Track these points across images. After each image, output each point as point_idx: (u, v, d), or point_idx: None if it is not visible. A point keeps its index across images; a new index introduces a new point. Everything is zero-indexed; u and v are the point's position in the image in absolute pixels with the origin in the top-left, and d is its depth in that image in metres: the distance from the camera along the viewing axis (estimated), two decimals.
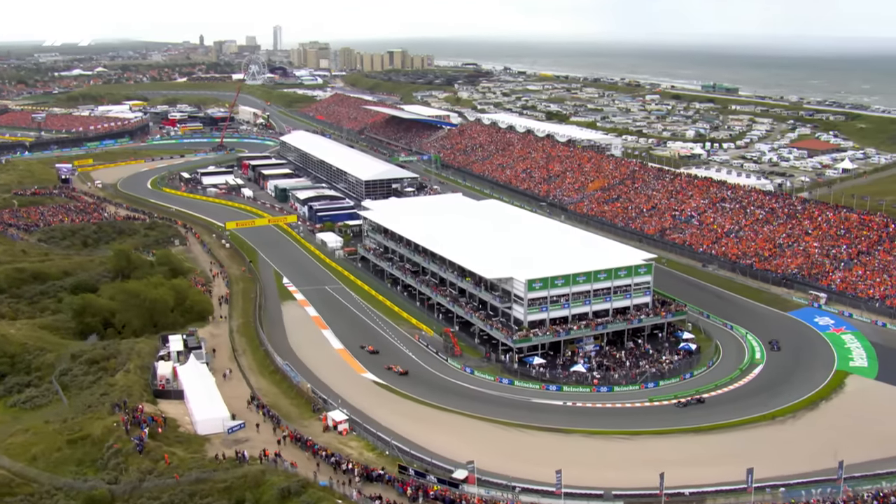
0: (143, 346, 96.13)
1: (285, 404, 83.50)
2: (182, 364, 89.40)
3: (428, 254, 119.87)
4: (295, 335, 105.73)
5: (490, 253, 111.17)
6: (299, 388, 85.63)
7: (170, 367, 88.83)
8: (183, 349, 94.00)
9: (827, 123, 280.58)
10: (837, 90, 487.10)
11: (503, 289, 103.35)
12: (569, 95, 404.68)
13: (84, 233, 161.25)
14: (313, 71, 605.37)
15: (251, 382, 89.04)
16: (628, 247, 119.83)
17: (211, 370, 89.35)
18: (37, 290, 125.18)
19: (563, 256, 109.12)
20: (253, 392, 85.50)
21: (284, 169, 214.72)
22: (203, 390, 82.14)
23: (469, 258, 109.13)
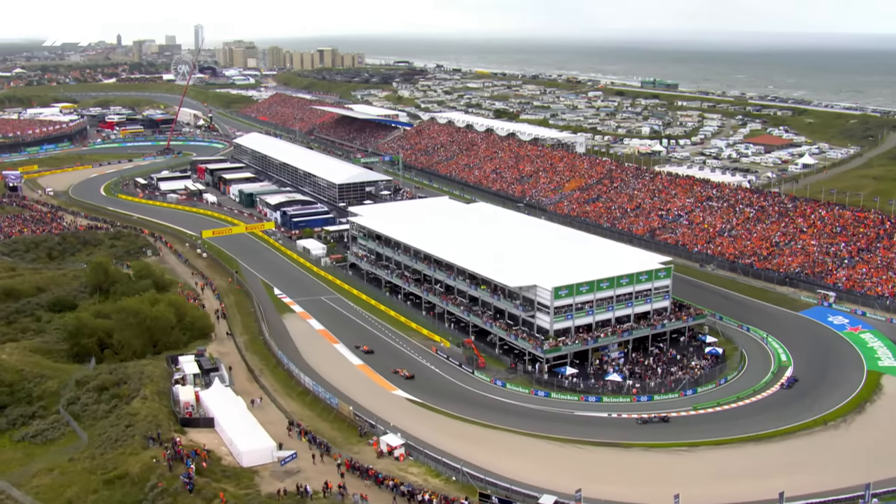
0: (152, 369, 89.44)
1: (326, 429, 78.44)
2: (205, 388, 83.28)
3: (433, 261, 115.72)
4: (308, 351, 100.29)
5: (503, 260, 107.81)
6: (338, 411, 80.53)
7: (190, 391, 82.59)
8: (199, 371, 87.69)
9: (775, 119, 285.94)
10: (764, 84, 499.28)
11: (525, 297, 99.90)
12: (511, 93, 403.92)
13: (47, 244, 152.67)
14: (242, 70, 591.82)
15: (281, 405, 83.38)
16: (639, 250, 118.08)
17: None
18: (12, 309, 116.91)
19: (579, 262, 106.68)
20: (290, 417, 79.92)
21: (246, 173, 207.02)
22: (237, 417, 76.55)
23: (485, 266, 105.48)
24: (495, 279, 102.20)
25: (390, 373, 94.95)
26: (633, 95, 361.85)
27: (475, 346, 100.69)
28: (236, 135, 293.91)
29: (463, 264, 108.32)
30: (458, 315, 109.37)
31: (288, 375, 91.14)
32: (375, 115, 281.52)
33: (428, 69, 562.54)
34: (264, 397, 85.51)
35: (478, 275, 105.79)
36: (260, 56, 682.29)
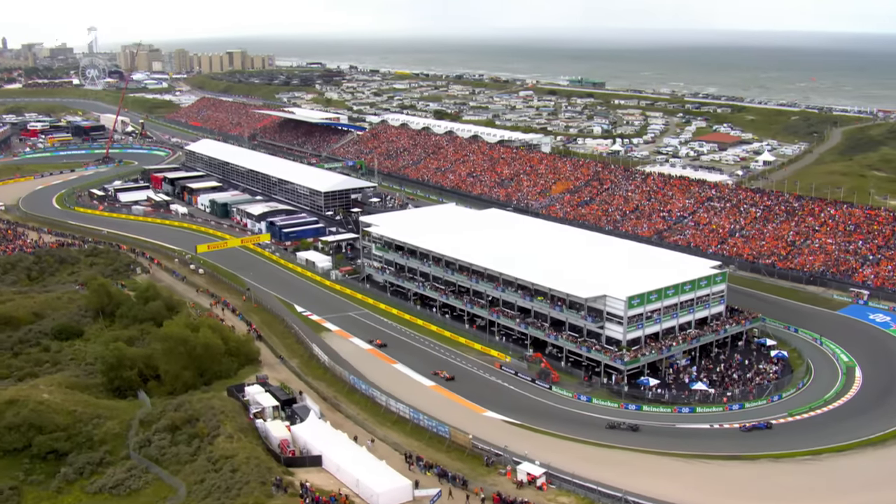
0: (219, 402, 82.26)
1: (442, 460, 73.24)
2: (285, 421, 76.88)
3: (474, 273, 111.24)
4: (372, 374, 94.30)
5: (556, 269, 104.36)
6: (452, 440, 75.38)
7: (281, 426, 76.03)
8: (277, 403, 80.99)
9: (716, 116, 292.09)
10: (671, 81, 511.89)
11: (591, 307, 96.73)
12: (441, 94, 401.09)
13: (23, 264, 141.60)
14: (151, 74, 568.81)
15: (384, 437, 77.66)
16: (681, 254, 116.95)
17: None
18: (14, 339, 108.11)
19: (630, 269, 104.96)
20: (402, 450, 74.37)
21: (211, 181, 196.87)
22: (350, 453, 70.70)
23: (545, 277, 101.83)
24: (561, 290, 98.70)
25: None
26: (567, 94, 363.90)
27: (546, 360, 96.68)
28: (171, 141, 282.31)
29: (518, 275, 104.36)
30: (512, 328, 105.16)
31: (371, 402, 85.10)
32: (320, 119, 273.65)
33: (344, 71, 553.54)
34: (347, 425, 79.28)
35: (537, 286, 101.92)
36: (166, 59, 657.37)
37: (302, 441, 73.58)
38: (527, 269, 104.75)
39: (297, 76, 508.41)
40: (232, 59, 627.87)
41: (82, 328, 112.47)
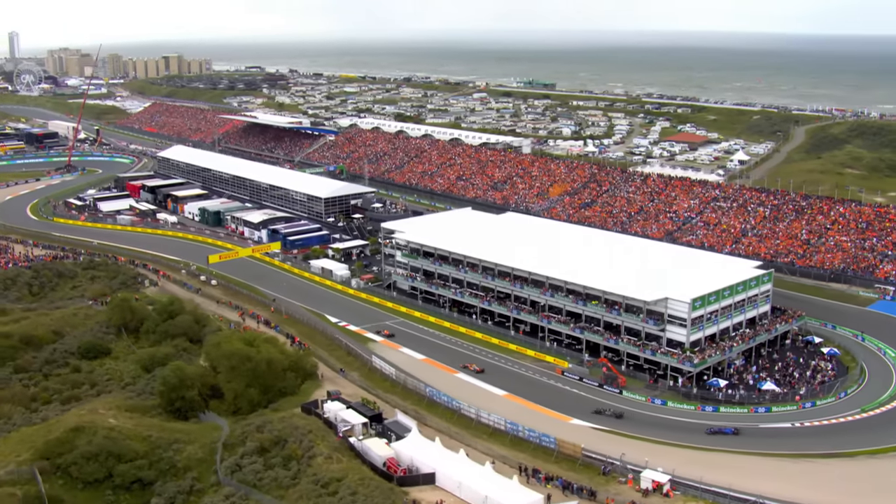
0: (300, 421, 79.29)
1: (556, 470, 71.90)
2: (396, 439, 74.40)
3: (517, 278, 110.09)
4: (440, 385, 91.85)
5: (606, 272, 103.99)
6: (560, 450, 73.95)
7: (381, 444, 73.52)
8: (365, 420, 78.33)
9: (678, 116, 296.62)
10: (609, 80, 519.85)
11: (650, 310, 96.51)
12: (394, 97, 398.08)
13: (22, 279, 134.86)
14: (87, 79, 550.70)
15: (488, 451, 75.68)
16: (719, 255, 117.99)
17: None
18: (41, 360, 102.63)
19: (678, 270, 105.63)
20: (512, 462, 72.61)
21: (195, 189, 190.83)
22: (466, 469, 68.55)
23: (601, 281, 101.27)
24: (621, 293, 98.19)
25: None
26: (523, 96, 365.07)
27: (612, 365, 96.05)
28: (130, 148, 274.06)
29: (571, 279, 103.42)
30: (559, 333, 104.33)
31: (457, 414, 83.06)
32: (287, 123, 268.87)
33: (286, 74, 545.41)
34: (446, 440, 77.07)
35: (592, 289, 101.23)
36: (99, 64, 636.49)
37: (407, 458, 71.16)
38: (577, 273, 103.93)
39: (240, 80, 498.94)
40: (168, 63, 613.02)
41: (109, 346, 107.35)
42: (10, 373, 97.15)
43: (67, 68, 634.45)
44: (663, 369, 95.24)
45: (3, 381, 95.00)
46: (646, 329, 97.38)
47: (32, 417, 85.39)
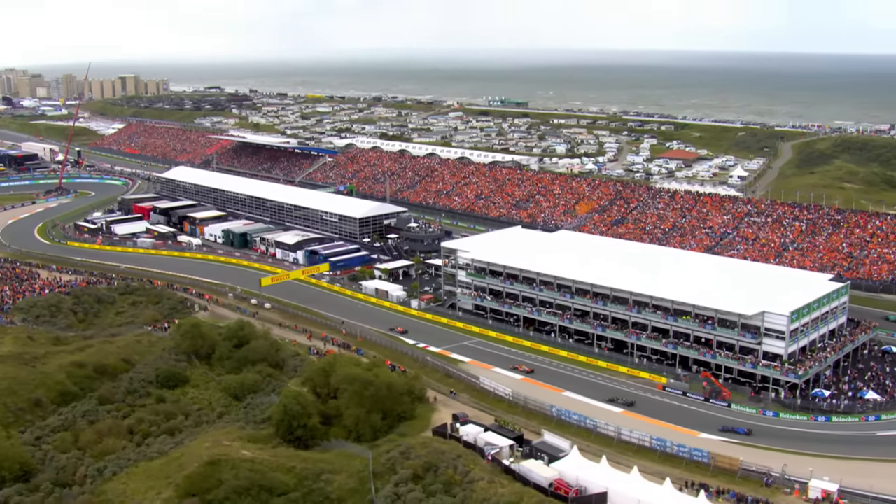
0: (441, 445, 78.02)
1: (717, 484, 72.02)
2: (551, 460, 73.71)
3: (597, 295, 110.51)
4: (555, 404, 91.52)
5: (692, 287, 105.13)
6: (715, 463, 74.30)
7: (542, 465, 72.82)
8: (512, 442, 77.54)
9: (662, 133, 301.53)
10: (573, 99, 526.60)
11: (745, 324, 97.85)
12: (371, 116, 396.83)
13: (65, 306, 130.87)
14: (42, 100, 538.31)
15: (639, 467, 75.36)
16: (785, 268, 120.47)
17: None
18: (120, 389, 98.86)
19: (760, 284, 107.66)
20: (685, 478, 72.58)
21: (212, 211, 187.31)
22: (644, 488, 68.22)
23: (692, 296, 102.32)
24: (716, 307, 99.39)
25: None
26: (501, 115, 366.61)
27: (714, 378, 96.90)
28: (115, 169, 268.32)
29: (661, 294, 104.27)
30: (645, 348, 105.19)
31: (592, 432, 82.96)
32: (279, 143, 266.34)
33: (248, 94, 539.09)
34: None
35: (682, 304, 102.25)
36: (53, 85, 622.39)
37: (572, 478, 70.40)
38: (664, 289, 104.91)
39: (204, 101, 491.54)
40: (125, 84, 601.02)
41: (186, 374, 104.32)
42: (95, 405, 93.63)
43: (17, 89, 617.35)
44: (759, 381, 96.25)
45: (92, 414, 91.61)
46: (741, 343, 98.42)
47: (146, 451, 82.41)
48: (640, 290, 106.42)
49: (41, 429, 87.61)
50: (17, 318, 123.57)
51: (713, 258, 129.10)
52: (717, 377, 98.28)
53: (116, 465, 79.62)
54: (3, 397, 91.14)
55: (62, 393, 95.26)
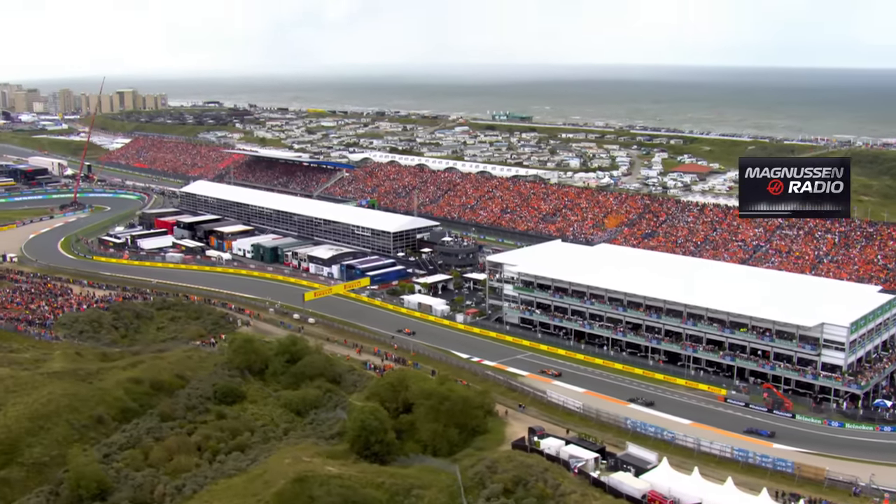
0: (526, 458, 78.11)
1: (805, 494, 72.24)
2: (638, 472, 73.78)
3: (649, 307, 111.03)
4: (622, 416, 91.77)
5: (747, 300, 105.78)
6: (802, 474, 74.62)
7: (630, 477, 73.04)
8: (597, 455, 77.60)
9: (672, 147, 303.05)
10: (573, 115, 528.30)
11: (804, 335, 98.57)
12: (378, 131, 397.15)
13: (105, 321, 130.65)
14: (40, 115, 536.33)
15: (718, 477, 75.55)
16: (836, 280, 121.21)
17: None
18: (179, 406, 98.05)
19: (813, 295, 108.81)
20: (774, 489, 72.68)
21: (238, 225, 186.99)
22: (740, 500, 68.37)
23: (752, 308, 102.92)
24: (772, 319, 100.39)
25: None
26: (507, 129, 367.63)
27: (777, 389, 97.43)
28: (126, 184, 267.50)
29: (715, 307, 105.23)
30: (699, 360, 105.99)
31: (670, 444, 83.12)
32: (293, 158, 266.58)
33: (249, 109, 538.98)
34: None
35: (738, 316, 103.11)
36: (50, 100, 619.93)
37: (664, 490, 70.46)
38: (722, 301, 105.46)
39: (205, 115, 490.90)
40: (123, 98, 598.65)
41: (240, 389, 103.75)
42: (158, 421, 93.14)
43: (14, 103, 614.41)
44: (818, 392, 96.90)
45: (156, 431, 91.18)
46: (799, 354, 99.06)
47: (222, 468, 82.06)
48: (696, 303, 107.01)
49: (107, 446, 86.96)
50: (60, 333, 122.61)
51: (758, 270, 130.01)
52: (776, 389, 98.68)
53: (195, 483, 79.27)
54: (66, 414, 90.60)
55: (123, 409, 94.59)
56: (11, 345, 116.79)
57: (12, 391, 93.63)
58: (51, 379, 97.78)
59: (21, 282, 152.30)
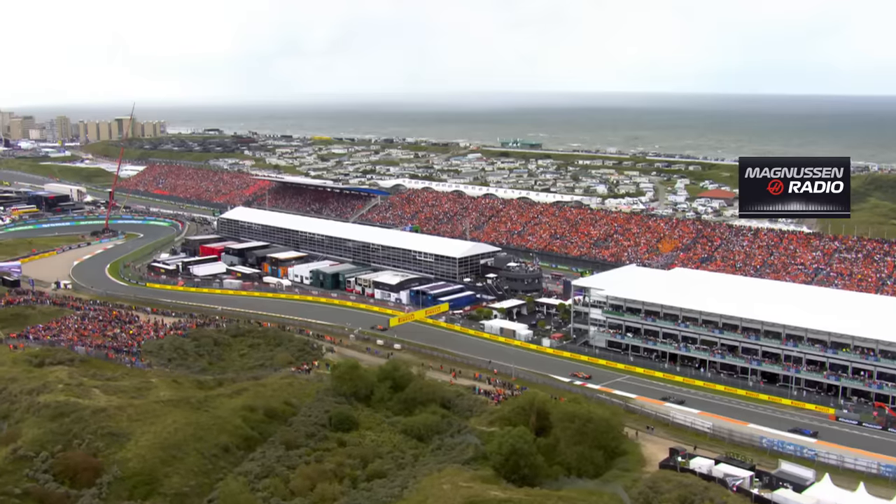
0: (681, 478, 79.10)
1: None
2: (796, 489, 74.70)
3: (745, 329, 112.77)
4: None
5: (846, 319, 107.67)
6: None
7: (793, 494, 74.08)
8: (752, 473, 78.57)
9: (691, 173, 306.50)
10: (572, 141, 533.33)
11: None
12: (392, 158, 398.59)
13: (186, 349, 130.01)
14: (38, 142, 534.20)
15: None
16: None
17: None
18: (301, 434, 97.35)
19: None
20: None
21: (292, 252, 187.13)
22: None
23: (854, 328, 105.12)
24: (875, 338, 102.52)
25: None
26: (523, 157, 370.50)
27: (887, 407, 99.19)
28: (151, 211, 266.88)
29: (819, 327, 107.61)
30: (799, 380, 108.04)
31: (812, 462, 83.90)
32: (324, 184, 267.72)
33: (252, 136, 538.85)
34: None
35: (841, 337, 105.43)
36: (48, 127, 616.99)
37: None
38: (823, 322, 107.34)
39: (210, 142, 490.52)
40: (122, 126, 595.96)
41: (352, 415, 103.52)
42: (284, 450, 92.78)
43: (10, 131, 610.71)
44: None
45: (285, 459, 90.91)
46: None
47: (374, 496, 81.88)
48: (796, 324, 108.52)
49: (244, 475, 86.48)
50: (149, 360, 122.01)
51: (837, 292, 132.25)
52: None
53: None
54: (193, 443, 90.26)
55: (245, 438, 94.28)
56: (105, 372, 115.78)
57: (136, 420, 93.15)
58: (167, 407, 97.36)
59: (84, 309, 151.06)
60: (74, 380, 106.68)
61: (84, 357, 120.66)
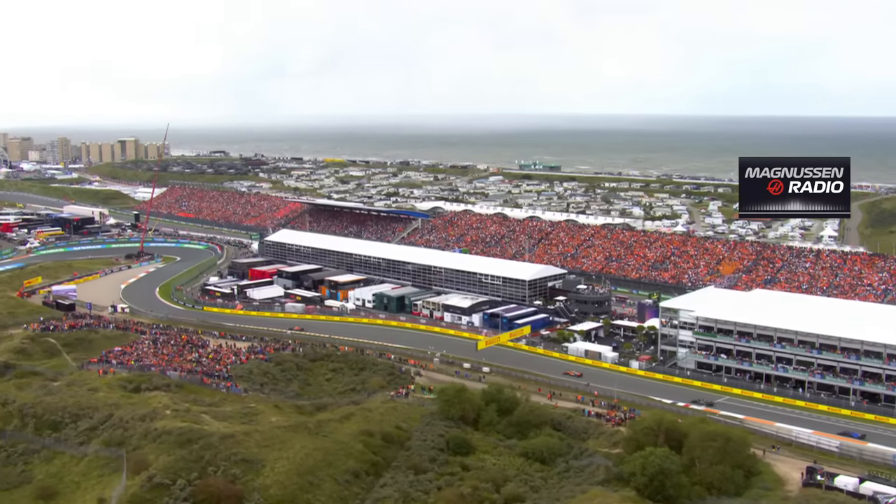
0: (826, 494, 79.24)
1: None
2: None
3: (845, 349, 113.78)
4: None
5: None
6: None
7: None
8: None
9: (720, 195, 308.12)
10: (582, 164, 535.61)
11: None
12: (410, 180, 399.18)
13: (274, 373, 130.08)
14: (39, 163, 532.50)
15: None
16: None
17: None
18: (420, 459, 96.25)
19: None
20: None
21: (351, 275, 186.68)
22: None
23: None
24: None
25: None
26: (547, 179, 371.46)
27: None
28: (179, 233, 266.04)
29: None
30: None
31: None
32: (357, 206, 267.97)
33: (262, 159, 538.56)
34: None
35: None
36: (48, 148, 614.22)
37: None
38: None
39: (221, 164, 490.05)
40: (125, 147, 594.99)
41: (466, 438, 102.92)
42: (412, 474, 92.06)
43: (9, 152, 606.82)
44: None
45: (417, 484, 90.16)
46: None
47: None
48: None
49: (382, 501, 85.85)
50: (243, 386, 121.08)
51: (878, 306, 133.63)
52: None
53: None
54: (325, 469, 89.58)
55: (372, 463, 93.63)
56: (203, 398, 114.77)
57: (264, 446, 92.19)
58: (288, 433, 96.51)
59: (150, 333, 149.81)
60: (180, 406, 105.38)
61: (179, 382, 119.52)
